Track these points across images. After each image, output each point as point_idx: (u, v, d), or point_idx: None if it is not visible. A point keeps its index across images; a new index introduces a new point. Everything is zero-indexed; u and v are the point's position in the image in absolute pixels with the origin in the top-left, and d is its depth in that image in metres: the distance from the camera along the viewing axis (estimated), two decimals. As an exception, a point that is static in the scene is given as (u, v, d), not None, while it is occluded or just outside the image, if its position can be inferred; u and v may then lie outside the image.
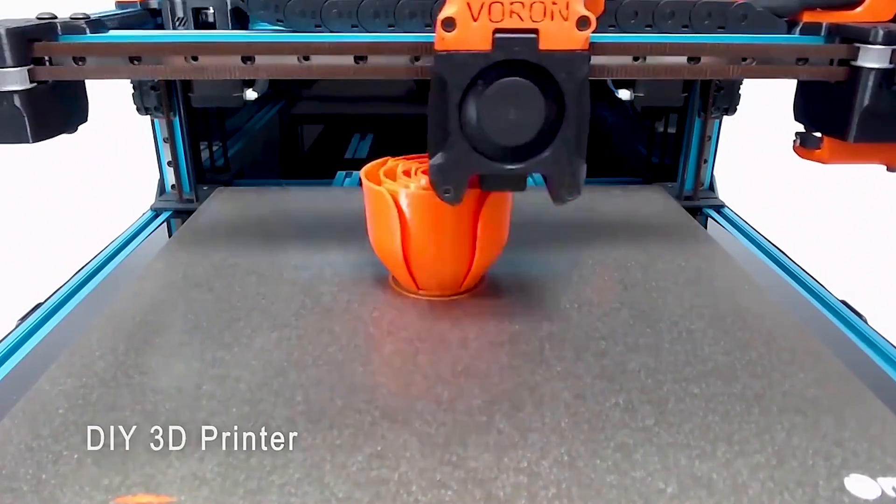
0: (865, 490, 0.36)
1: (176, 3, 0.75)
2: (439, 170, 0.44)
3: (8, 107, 0.53)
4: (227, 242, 0.68)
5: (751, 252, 0.78)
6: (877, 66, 0.54)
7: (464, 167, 0.44)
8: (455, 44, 0.41)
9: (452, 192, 0.45)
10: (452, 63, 0.41)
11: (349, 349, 0.49)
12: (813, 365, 0.47)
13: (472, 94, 0.42)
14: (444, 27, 0.40)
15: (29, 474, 0.37)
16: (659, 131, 0.98)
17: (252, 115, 1.24)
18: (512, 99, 0.42)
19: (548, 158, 0.44)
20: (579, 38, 0.40)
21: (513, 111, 0.42)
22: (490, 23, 0.40)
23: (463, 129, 0.43)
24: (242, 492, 0.35)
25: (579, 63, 0.41)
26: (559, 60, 0.41)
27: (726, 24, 0.59)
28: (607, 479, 0.36)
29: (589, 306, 0.55)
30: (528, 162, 0.44)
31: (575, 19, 0.40)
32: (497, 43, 0.41)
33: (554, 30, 0.40)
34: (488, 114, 0.42)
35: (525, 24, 0.40)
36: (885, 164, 0.61)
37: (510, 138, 0.43)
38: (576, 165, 0.44)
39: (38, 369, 0.47)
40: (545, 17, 0.40)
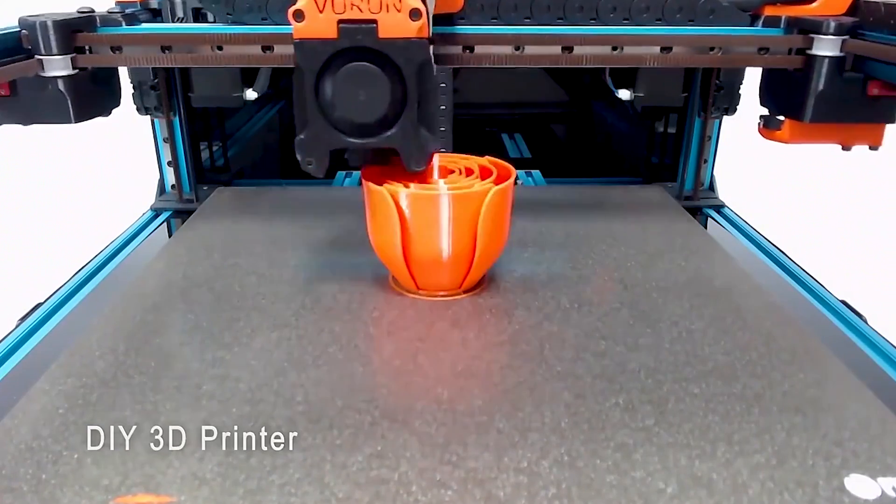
0: (865, 490, 0.35)
1: (176, 3, 0.76)
2: (302, 144, 0.49)
3: (53, 91, 0.60)
4: (227, 242, 0.68)
5: (751, 252, 0.78)
6: (829, 54, 0.62)
7: (323, 142, 0.49)
8: (306, 33, 0.46)
9: (315, 164, 0.50)
10: (305, 50, 0.47)
11: (349, 349, 0.49)
12: (813, 365, 0.47)
13: (326, 77, 0.47)
14: (295, 18, 0.45)
15: (29, 474, 0.37)
16: (659, 131, 0.98)
17: (252, 115, 1.24)
18: (360, 81, 0.47)
19: (396, 133, 0.49)
20: (412, 27, 0.46)
21: (362, 92, 0.47)
22: (334, 14, 0.45)
23: (321, 108, 0.48)
24: (242, 492, 0.35)
25: (416, 49, 0.46)
26: (397, 47, 0.46)
27: (696, 17, 0.66)
28: (607, 479, 0.36)
29: (589, 306, 0.55)
30: (379, 137, 0.49)
31: (408, 11, 0.45)
32: (342, 32, 0.46)
33: (390, 20, 0.45)
34: (341, 94, 0.47)
35: (365, 15, 0.45)
36: (839, 143, 0.68)
37: (362, 116, 0.48)
38: (422, 139, 0.49)
39: (38, 369, 0.47)
40: (381, 10, 0.45)
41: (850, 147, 0.67)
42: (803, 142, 0.68)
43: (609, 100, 1.24)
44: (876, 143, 0.67)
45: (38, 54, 0.59)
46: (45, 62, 0.59)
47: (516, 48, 0.62)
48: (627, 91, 0.83)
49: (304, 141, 0.49)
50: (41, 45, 0.58)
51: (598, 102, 1.40)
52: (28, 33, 0.58)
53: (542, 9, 0.66)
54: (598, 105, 1.40)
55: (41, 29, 0.58)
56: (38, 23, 0.58)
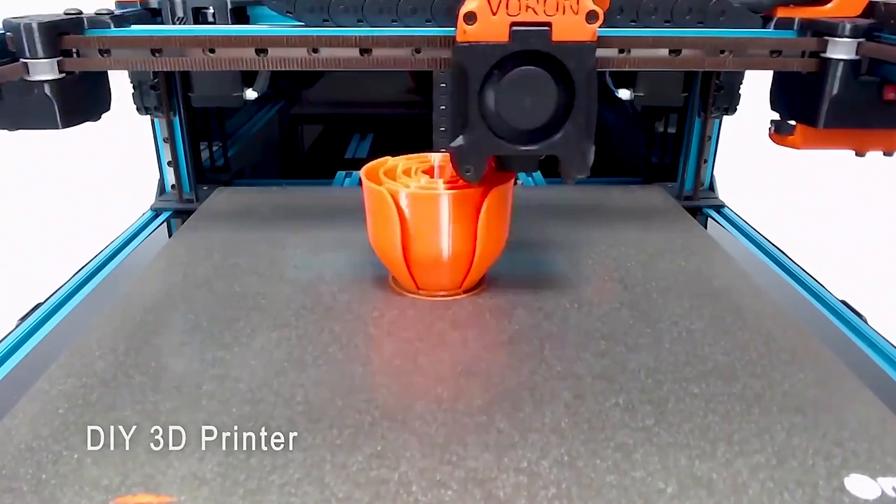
0: (865, 490, 0.36)
1: (176, 3, 0.75)
2: (460, 151, 0.48)
3: (39, 95, 0.57)
4: (227, 242, 0.68)
5: (751, 252, 0.78)
6: (844, 57, 0.59)
7: (483, 148, 0.48)
8: (475, 36, 0.45)
9: (473, 172, 0.49)
10: (473, 53, 0.46)
11: (349, 349, 0.49)
12: (813, 365, 0.47)
13: (490, 82, 0.46)
14: (466, 20, 0.44)
15: (29, 474, 0.37)
16: (659, 131, 0.98)
17: (252, 115, 1.24)
18: (527, 86, 0.46)
19: (559, 140, 0.48)
20: (588, 30, 0.45)
21: (528, 97, 0.46)
22: (507, 16, 0.44)
23: (482, 113, 0.47)
24: (242, 492, 0.35)
25: (588, 53, 0.45)
26: (570, 51, 0.45)
27: (706, 19, 0.63)
28: (607, 479, 0.36)
29: (589, 306, 0.55)
30: (541, 144, 0.48)
31: (584, 13, 0.44)
32: (514, 35, 0.45)
33: (566, 23, 0.44)
34: (505, 100, 0.46)
35: (539, 17, 0.44)
36: (853, 149, 0.65)
37: (525, 122, 0.47)
38: (585, 147, 0.48)
39: (38, 369, 0.47)
40: (558, 12, 0.44)
41: (865, 153, 0.65)
42: (816, 148, 0.65)
43: (609, 100, 1.24)
44: (891, 149, 0.64)
45: (23, 57, 0.56)
46: (30, 66, 0.56)
47: None
48: (627, 91, 0.83)
49: (463, 148, 0.48)
50: (26, 47, 0.56)
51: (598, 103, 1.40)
52: (12, 35, 0.56)
53: None
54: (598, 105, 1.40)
55: (26, 31, 0.55)
56: (23, 25, 0.55)
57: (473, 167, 0.49)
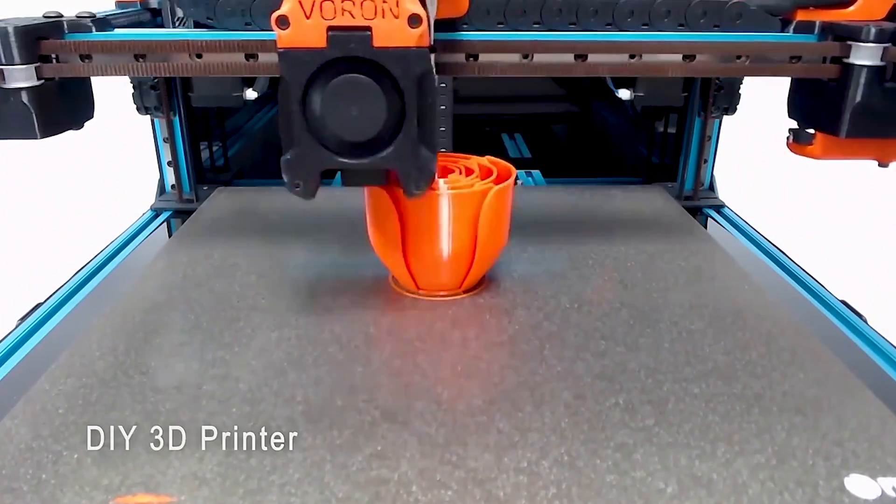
0: (865, 490, 0.36)
1: (176, 3, 0.75)
2: (288, 165, 0.45)
3: (16, 103, 0.54)
4: (227, 242, 0.68)
5: (751, 252, 0.78)
6: (868, 63, 0.56)
7: (312, 162, 0.45)
8: (291, 41, 0.41)
9: (303, 187, 0.45)
10: (290, 60, 0.42)
11: (349, 349, 0.49)
12: (813, 365, 0.47)
13: (314, 91, 0.43)
14: (279, 25, 0.41)
15: (29, 474, 0.37)
16: (659, 131, 0.98)
17: (252, 115, 1.24)
18: (353, 95, 0.42)
19: (392, 153, 0.44)
20: (412, 35, 0.41)
21: (354, 107, 0.43)
22: (323, 20, 0.41)
23: (308, 125, 0.44)
24: (242, 492, 0.35)
25: (415, 59, 0.42)
26: (394, 57, 0.42)
27: (721, 22, 0.60)
28: (607, 479, 0.36)
29: (589, 306, 0.55)
30: (373, 157, 0.44)
31: (406, 17, 0.40)
32: (331, 40, 0.41)
33: (386, 27, 0.41)
34: (330, 109, 0.43)
35: (357, 21, 0.41)
36: (876, 159, 0.62)
37: (355, 133, 0.43)
38: (422, 159, 0.44)
39: (38, 369, 0.47)
40: (376, 16, 0.41)
41: (888, 164, 0.62)
42: (837, 158, 0.62)
43: (609, 100, 1.24)
44: None
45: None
46: (6, 72, 0.53)
47: (524, 56, 0.57)
48: (627, 91, 0.83)
49: (290, 161, 0.45)
50: (1, 53, 0.53)
51: (598, 102, 1.40)
52: None
53: (552, 13, 0.61)
54: (598, 105, 1.40)
55: (1, 36, 0.52)
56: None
57: (303, 181, 0.45)
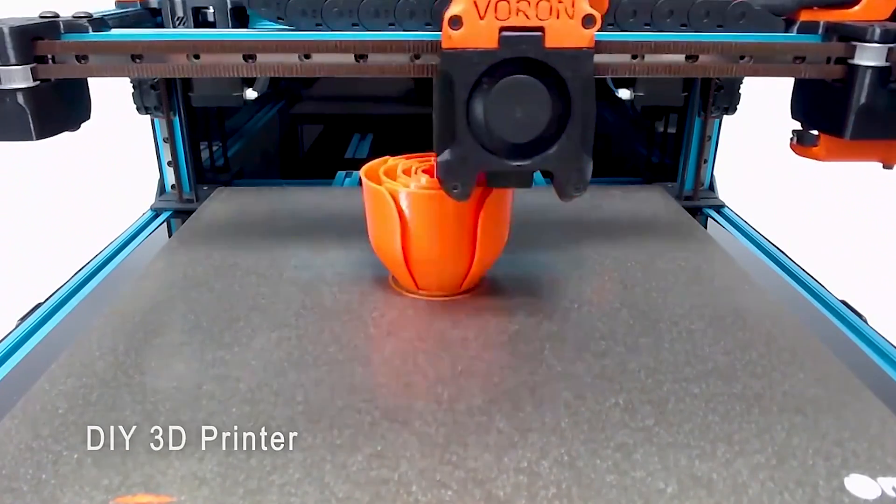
0: (865, 490, 0.36)
1: (176, 3, 0.75)
2: (447, 167, 0.45)
3: (12, 104, 0.53)
4: (227, 242, 0.68)
5: (751, 252, 0.78)
6: (873, 64, 0.55)
7: (471, 164, 0.44)
8: (462, 42, 0.41)
9: (461, 189, 0.45)
10: (459, 61, 0.42)
11: (349, 349, 0.49)
12: (813, 365, 0.47)
13: (478, 92, 0.43)
14: (451, 25, 0.41)
15: (29, 474, 0.37)
16: (659, 131, 0.98)
17: (252, 115, 1.24)
18: (518, 96, 0.42)
19: (554, 155, 0.44)
20: (585, 35, 0.41)
21: (519, 108, 0.42)
22: (496, 21, 0.41)
23: (470, 126, 0.43)
24: (242, 492, 0.35)
25: (584, 61, 0.42)
26: (565, 58, 0.41)
27: (724, 22, 0.60)
28: (607, 479, 0.36)
29: (589, 306, 0.55)
30: (534, 159, 0.44)
31: (580, 17, 0.40)
32: (504, 41, 0.41)
33: (560, 28, 0.41)
34: (495, 111, 0.43)
35: (531, 22, 0.41)
36: (880, 161, 0.62)
37: (517, 135, 0.43)
38: (582, 162, 0.45)
39: (38, 369, 0.47)
40: (551, 16, 0.40)
41: (892, 166, 0.62)
42: (841, 159, 0.62)
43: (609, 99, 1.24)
44: None
45: None
46: (1, 73, 0.53)
47: None
48: (627, 91, 0.83)
49: (450, 163, 0.44)
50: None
51: (598, 102, 1.40)
52: None
53: None
54: (598, 105, 1.40)
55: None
56: None
57: (461, 183, 0.45)
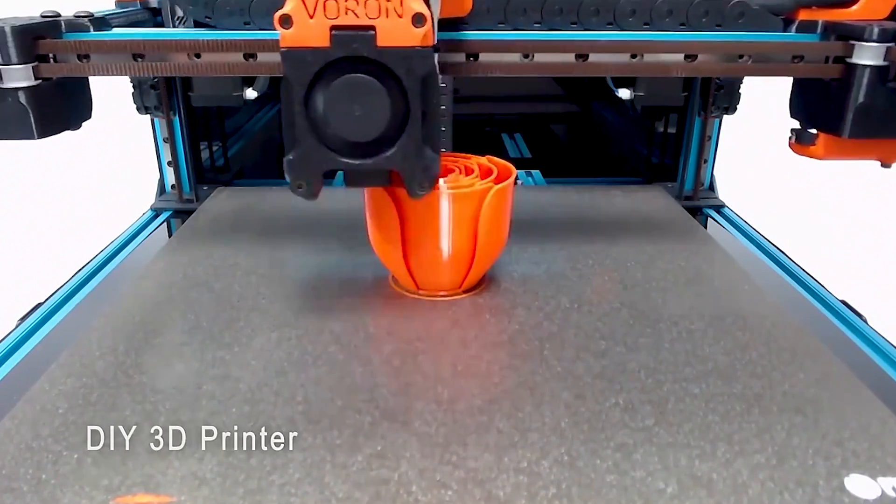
0: (865, 490, 0.36)
1: (176, 3, 0.75)
2: (291, 165, 0.44)
3: (13, 103, 0.54)
4: (227, 242, 0.68)
5: (751, 252, 0.78)
6: (871, 63, 0.56)
7: (315, 163, 0.44)
8: (294, 40, 0.41)
9: (306, 188, 0.45)
10: (293, 60, 0.42)
11: (349, 349, 0.49)
12: (813, 365, 0.47)
13: (317, 91, 0.43)
14: (282, 24, 0.41)
15: (29, 474, 0.37)
16: (659, 131, 0.98)
17: (252, 114, 1.24)
18: (356, 95, 0.42)
19: (396, 154, 0.44)
20: (416, 34, 0.41)
21: (357, 107, 0.42)
22: (327, 20, 0.41)
23: (312, 125, 0.43)
24: (242, 492, 0.35)
25: (419, 59, 0.42)
26: (398, 57, 0.41)
27: (723, 22, 0.60)
28: (607, 479, 0.36)
29: (589, 306, 0.55)
30: (376, 157, 0.44)
31: (410, 16, 0.40)
32: (335, 39, 0.41)
33: (390, 27, 0.41)
34: (334, 110, 0.43)
35: (361, 20, 0.41)
36: (879, 159, 0.62)
37: (357, 134, 0.43)
38: (427, 160, 0.44)
39: (38, 369, 0.47)
40: (380, 15, 0.40)
41: (891, 165, 0.62)
42: (840, 158, 0.62)
43: (609, 99, 1.24)
44: None
45: None
46: (3, 72, 0.53)
47: (525, 56, 0.57)
48: (627, 90, 0.83)
49: (293, 162, 0.44)
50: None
51: (598, 102, 1.40)
52: None
53: (553, 12, 0.60)
54: (598, 105, 1.40)
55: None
56: None
57: (305, 182, 0.44)
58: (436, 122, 0.44)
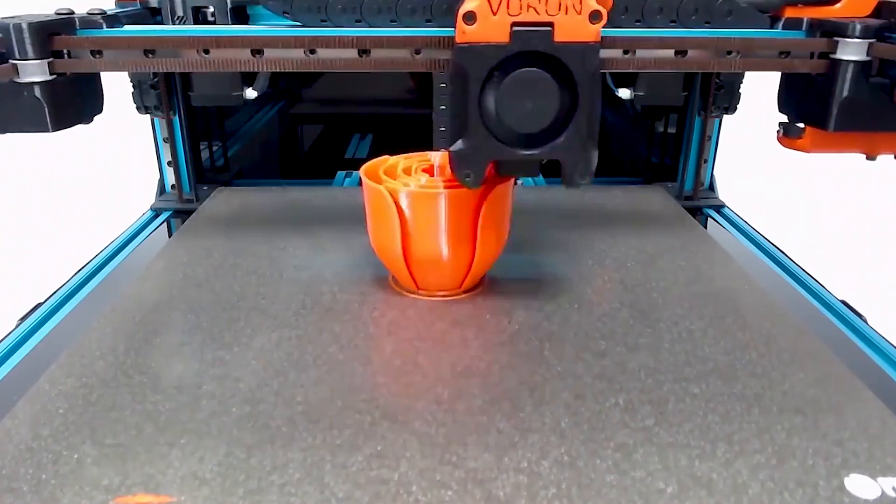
0: (865, 490, 0.36)
1: (175, 2, 0.75)
2: (459, 156, 0.47)
3: (29, 97, 0.56)
4: (227, 243, 0.68)
5: (751, 252, 0.78)
6: (855, 58, 0.58)
7: (483, 153, 0.47)
8: (475, 36, 0.44)
9: (472, 177, 0.48)
10: (473, 54, 0.44)
11: (349, 349, 0.49)
12: (813, 365, 0.47)
13: (490, 84, 0.45)
14: (465, 20, 0.43)
15: (29, 474, 0.37)
16: (659, 131, 0.98)
17: (252, 115, 1.24)
18: (528, 88, 0.45)
19: (562, 144, 0.47)
20: (592, 30, 0.44)
21: (529, 100, 0.45)
22: (508, 16, 0.43)
23: (482, 117, 0.46)
24: (242, 492, 0.35)
25: (591, 54, 0.44)
26: (573, 52, 0.44)
27: (712, 19, 0.62)
28: (607, 479, 0.36)
29: (589, 306, 0.55)
30: (542, 148, 0.47)
31: (588, 13, 0.43)
32: (515, 35, 0.44)
33: (568, 23, 0.43)
34: (506, 102, 0.45)
35: (541, 17, 0.43)
36: (863, 152, 0.64)
37: (527, 126, 0.46)
38: (588, 151, 0.47)
39: (38, 369, 0.47)
40: (560, 11, 0.43)
41: (875, 157, 0.64)
42: (826, 151, 0.64)
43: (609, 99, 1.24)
44: None
45: (12, 58, 0.55)
46: (20, 67, 0.55)
47: None
48: (627, 90, 0.83)
49: (462, 152, 0.47)
50: (16, 48, 0.54)
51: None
52: (2, 36, 0.55)
53: None
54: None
55: (15, 31, 0.54)
56: (13, 25, 0.54)
57: (473, 172, 0.48)
58: (598, 116, 0.47)
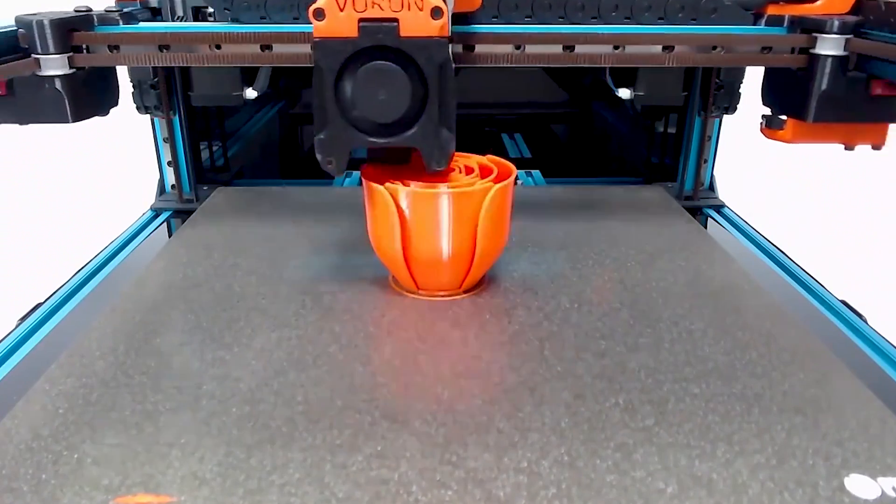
0: (865, 490, 0.36)
1: (176, 2, 0.76)
2: (321, 144, 0.50)
3: (50, 90, 0.60)
4: (227, 242, 0.68)
5: (751, 252, 0.78)
6: (833, 53, 0.61)
7: (343, 141, 0.50)
8: (326, 32, 0.46)
9: (335, 164, 0.50)
10: (325, 49, 0.47)
11: (349, 349, 0.49)
12: (813, 365, 0.47)
13: (346, 77, 0.48)
14: (315, 17, 0.46)
15: (29, 474, 0.37)
16: (659, 131, 0.98)
17: (252, 115, 1.24)
18: (380, 80, 0.47)
19: (416, 133, 0.49)
20: (434, 26, 0.46)
21: (382, 91, 0.48)
22: (355, 12, 0.46)
23: (340, 107, 0.49)
24: (242, 492, 0.35)
25: (437, 48, 0.47)
26: (418, 46, 0.46)
27: (698, 16, 0.66)
28: (607, 479, 0.36)
29: (589, 306, 0.55)
30: (399, 136, 0.49)
31: (429, 10, 0.45)
32: (362, 30, 0.46)
33: (412, 19, 0.46)
34: (360, 94, 0.48)
35: (386, 13, 0.46)
36: (842, 142, 0.67)
37: (382, 115, 0.48)
38: (443, 139, 0.49)
39: (38, 369, 0.47)
40: (403, 8, 0.45)
41: (853, 147, 0.67)
42: (806, 142, 0.67)
43: (609, 99, 1.24)
44: (879, 143, 0.66)
45: (34, 53, 0.59)
46: (41, 61, 0.59)
47: (517, 47, 0.62)
48: (627, 90, 0.83)
49: (323, 140, 0.50)
50: (38, 43, 0.58)
51: (598, 102, 1.40)
52: (25, 32, 0.58)
53: (543, 7, 0.66)
54: (598, 105, 1.40)
55: (38, 28, 0.58)
56: (35, 21, 0.58)
57: (335, 159, 0.50)
58: (451, 106, 0.49)
